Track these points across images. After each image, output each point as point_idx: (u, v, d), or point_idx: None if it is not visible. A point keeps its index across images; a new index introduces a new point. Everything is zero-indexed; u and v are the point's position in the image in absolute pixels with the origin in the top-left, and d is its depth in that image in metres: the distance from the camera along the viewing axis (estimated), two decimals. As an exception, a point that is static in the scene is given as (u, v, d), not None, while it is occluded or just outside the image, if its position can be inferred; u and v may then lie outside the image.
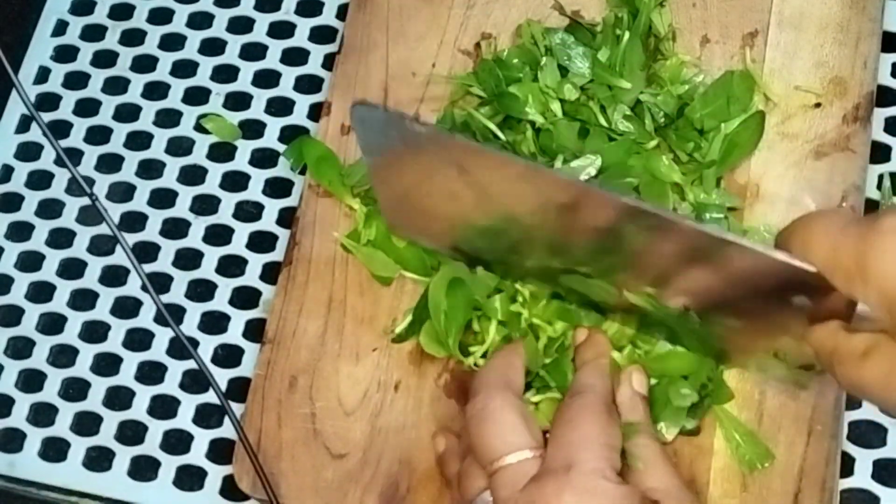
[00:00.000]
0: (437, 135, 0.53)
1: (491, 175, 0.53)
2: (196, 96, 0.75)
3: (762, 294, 0.49)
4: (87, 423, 0.67)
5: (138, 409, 0.67)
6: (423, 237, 0.63)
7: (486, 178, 0.53)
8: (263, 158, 0.72)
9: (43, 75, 0.76)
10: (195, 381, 0.67)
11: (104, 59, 0.77)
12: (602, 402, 0.54)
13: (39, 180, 0.74)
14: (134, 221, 0.71)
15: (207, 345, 0.68)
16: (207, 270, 0.70)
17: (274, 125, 0.73)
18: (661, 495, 0.51)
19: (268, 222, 0.71)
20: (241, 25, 0.76)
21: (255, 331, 0.67)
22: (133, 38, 0.77)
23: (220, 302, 0.69)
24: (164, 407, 0.67)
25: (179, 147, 0.73)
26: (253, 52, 0.75)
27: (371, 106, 0.52)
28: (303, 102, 0.73)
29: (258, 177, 0.72)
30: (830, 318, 0.46)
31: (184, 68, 0.75)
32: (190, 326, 0.68)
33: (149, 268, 0.69)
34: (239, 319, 0.68)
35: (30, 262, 0.72)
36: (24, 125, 0.75)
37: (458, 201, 0.56)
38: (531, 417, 0.54)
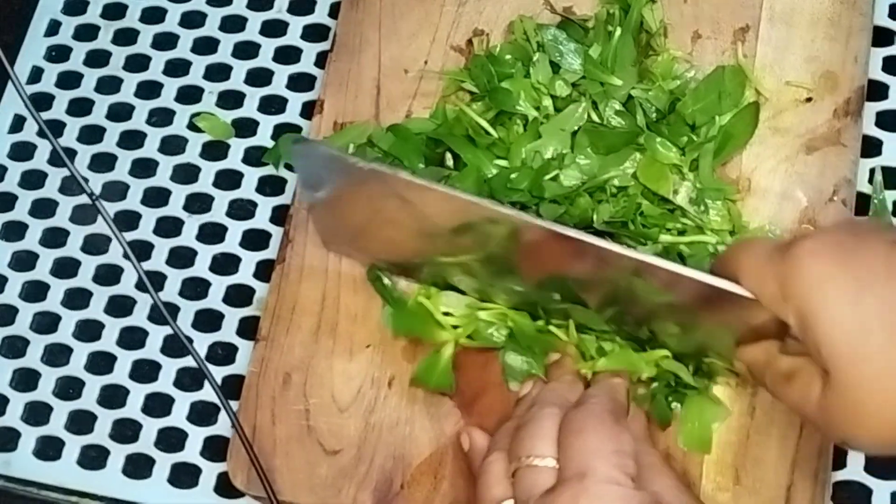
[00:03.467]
0: (380, 172, 0.54)
1: (435, 208, 0.54)
2: (189, 95, 0.75)
3: (702, 311, 0.52)
4: (81, 422, 0.67)
5: (133, 408, 0.67)
6: (361, 257, 0.64)
7: (430, 210, 0.55)
8: (257, 157, 0.72)
9: (36, 75, 0.77)
10: (189, 379, 0.67)
11: (97, 58, 0.77)
12: (607, 409, 0.53)
13: (33, 180, 0.74)
14: (128, 220, 0.71)
15: (202, 343, 0.68)
16: (201, 269, 0.70)
17: (267, 123, 0.73)
18: (665, 499, 0.51)
19: (261, 220, 0.71)
20: (233, 24, 0.76)
21: (248, 328, 0.67)
22: (126, 37, 0.77)
23: (213, 300, 0.69)
24: (158, 405, 0.67)
25: (173, 146, 0.74)
26: (246, 50, 0.75)
27: (312, 143, 0.54)
28: (295, 101, 0.73)
29: (251, 175, 0.72)
30: (762, 335, 0.50)
31: (177, 67, 0.76)
32: (184, 324, 0.68)
33: (143, 266, 0.69)
34: (233, 317, 0.68)
35: (24, 261, 0.72)
36: (17, 125, 0.75)
37: (400, 228, 0.58)
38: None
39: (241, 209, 0.71)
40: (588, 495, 0.48)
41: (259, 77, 0.74)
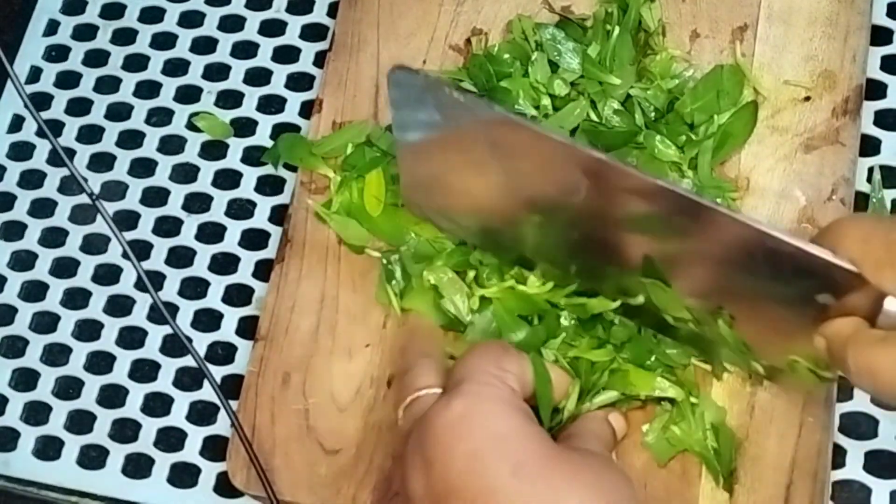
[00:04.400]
0: (475, 103, 0.51)
1: (525, 151, 0.52)
2: (188, 95, 0.75)
3: (791, 290, 0.49)
4: (80, 422, 0.67)
5: (132, 407, 0.67)
6: (439, 217, 0.62)
7: (520, 153, 0.52)
8: (256, 156, 0.72)
9: (35, 75, 0.77)
10: (189, 379, 0.67)
11: (96, 58, 0.77)
12: (497, 342, 0.56)
13: (32, 179, 0.74)
14: (127, 220, 0.71)
15: (201, 342, 0.68)
16: (200, 268, 0.70)
17: (266, 123, 0.73)
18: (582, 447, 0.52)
19: (260, 220, 0.71)
20: (232, 24, 0.76)
21: (248, 328, 0.68)
22: (125, 37, 0.77)
23: (213, 299, 0.69)
24: (157, 405, 0.67)
25: (172, 145, 0.74)
26: (244, 50, 0.75)
27: (410, 70, 0.52)
28: (294, 100, 0.73)
29: (250, 174, 0.72)
30: (851, 314, 0.48)
31: (175, 67, 0.76)
32: (183, 324, 0.68)
33: (142, 266, 0.69)
34: (232, 317, 0.68)
35: (23, 261, 0.72)
36: (16, 124, 0.75)
37: (486, 180, 0.55)
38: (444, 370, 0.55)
39: (241, 209, 0.71)
40: (461, 394, 0.49)
41: (258, 76, 0.75)
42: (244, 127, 0.73)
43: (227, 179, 0.72)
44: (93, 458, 0.67)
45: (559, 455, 0.49)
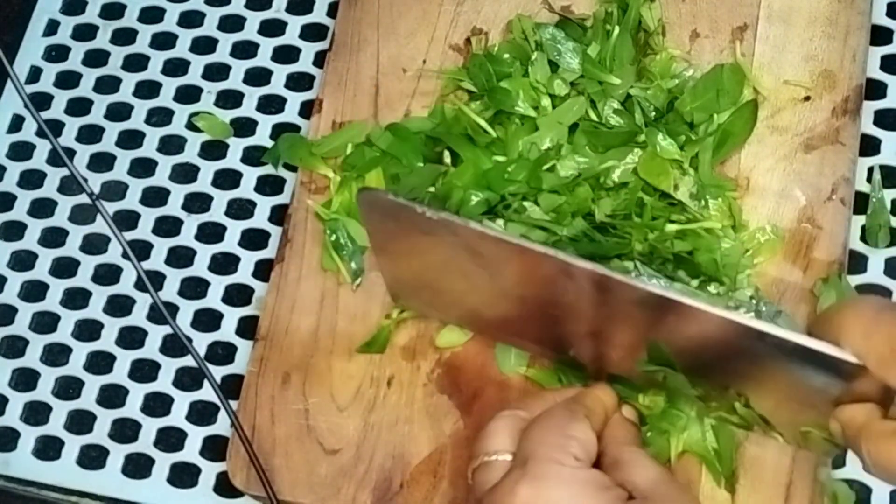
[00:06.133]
0: (449, 222, 0.51)
1: (506, 260, 0.52)
2: (188, 95, 0.75)
3: (796, 374, 0.49)
4: (80, 422, 0.67)
5: (132, 407, 0.67)
6: (430, 310, 0.63)
7: (501, 262, 0.53)
8: (256, 156, 0.72)
9: (35, 75, 0.77)
10: (189, 379, 0.67)
11: (96, 58, 0.77)
12: (562, 406, 0.53)
13: (32, 179, 0.74)
14: (127, 220, 0.71)
15: (201, 342, 0.68)
16: (200, 268, 0.70)
17: (265, 123, 0.73)
18: (647, 490, 0.51)
19: (260, 220, 0.71)
20: (232, 24, 0.76)
21: (248, 328, 0.68)
22: (124, 37, 0.77)
23: (213, 299, 0.69)
24: (157, 405, 0.67)
25: (172, 145, 0.74)
26: (244, 50, 0.76)
27: (379, 192, 0.52)
28: (294, 100, 0.73)
29: (250, 174, 0.72)
30: (861, 400, 0.47)
31: (175, 67, 0.76)
32: (183, 324, 0.68)
33: (142, 266, 0.69)
34: (232, 317, 0.68)
35: (23, 261, 0.72)
36: (16, 124, 0.76)
37: (470, 281, 0.56)
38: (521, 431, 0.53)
39: (240, 209, 0.71)
40: (528, 478, 0.49)
41: (258, 76, 0.75)
42: (244, 127, 0.73)
43: (227, 179, 0.72)
44: (93, 458, 0.67)
45: None
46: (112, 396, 0.68)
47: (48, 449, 0.67)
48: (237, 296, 0.69)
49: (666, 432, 0.59)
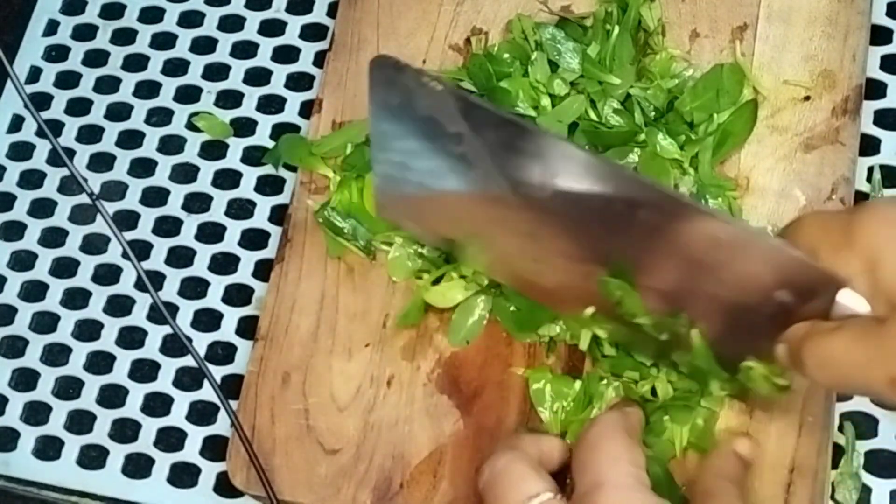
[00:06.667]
0: (453, 91, 0.51)
1: (502, 139, 0.52)
2: (188, 95, 0.75)
3: (751, 290, 0.49)
4: (80, 422, 0.67)
5: (132, 407, 0.67)
6: (412, 223, 0.62)
7: (492, 136, 0.52)
8: (256, 156, 0.72)
9: (35, 75, 0.77)
10: (189, 379, 0.67)
11: (96, 58, 0.77)
12: (619, 425, 0.53)
13: (32, 179, 0.74)
14: (127, 220, 0.71)
15: (201, 342, 0.68)
16: (200, 268, 0.70)
17: (265, 123, 0.73)
18: None
19: (260, 220, 0.71)
20: (232, 24, 0.76)
21: (247, 328, 0.68)
22: (124, 37, 0.77)
23: (212, 299, 0.69)
24: (157, 405, 0.67)
25: (171, 145, 0.74)
26: (244, 50, 0.76)
27: (390, 59, 0.52)
28: (294, 100, 0.73)
29: (250, 174, 0.72)
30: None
31: (175, 67, 0.76)
32: (183, 324, 0.68)
33: (142, 266, 0.69)
34: (232, 317, 0.68)
35: (23, 261, 0.72)
36: (16, 124, 0.76)
37: (459, 175, 0.55)
38: (540, 468, 0.52)
39: (240, 209, 0.71)
40: (608, 501, 0.48)
41: (257, 76, 0.75)
42: (244, 127, 0.73)
43: (227, 179, 0.72)
44: (93, 458, 0.67)
45: None
46: (112, 396, 0.68)
47: (48, 449, 0.67)
48: (237, 296, 0.69)
49: (669, 426, 0.59)
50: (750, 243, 0.48)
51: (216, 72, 0.75)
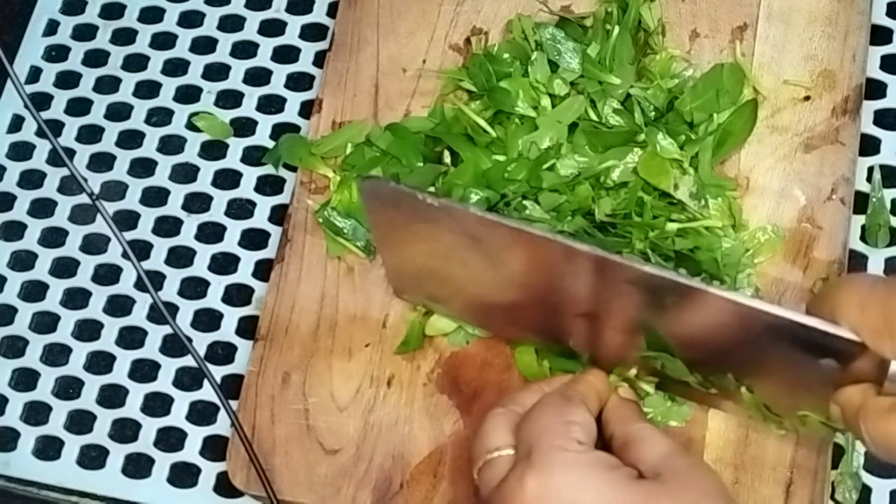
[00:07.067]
0: (450, 207, 0.52)
1: (506, 245, 0.52)
2: (188, 95, 0.75)
3: (795, 357, 0.49)
4: (80, 422, 0.68)
5: (132, 407, 0.67)
6: (432, 303, 0.63)
7: (502, 248, 0.53)
8: (256, 156, 0.72)
9: (35, 75, 0.77)
10: (189, 379, 0.67)
11: (96, 58, 0.77)
12: (557, 393, 0.54)
13: (32, 179, 0.74)
14: (127, 220, 0.71)
15: (201, 342, 0.68)
16: (200, 268, 0.70)
17: (265, 123, 0.73)
18: (657, 465, 0.50)
19: (260, 219, 0.71)
20: (232, 24, 0.76)
21: (247, 328, 0.68)
22: (124, 37, 0.77)
23: (212, 299, 0.69)
24: (157, 405, 0.67)
25: (171, 145, 0.74)
26: (244, 50, 0.76)
27: (381, 180, 0.53)
28: (294, 100, 0.73)
29: (250, 174, 0.72)
30: (858, 382, 0.47)
31: (175, 67, 0.76)
32: (183, 324, 0.68)
33: (142, 266, 0.69)
34: (232, 317, 0.69)
35: (23, 261, 0.72)
36: (16, 124, 0.76)
37: (471, 270, 0.56)
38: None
39: (240, 209, 0.71)
40: (533, 469, 0.48)
41: (257, 76, 0.75)
42: (244, 127, 0.73)
43: (227, 179, 0.72)
44: (93, 458, 0.67)
45: (646, 500, 0.48)
46: (112, 396, 0.68)
47: (48, 449, 0.67)
48: (237, 296, 0.69)
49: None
50: (789, 329, 0.47)
51: (216, 72, 0.75)
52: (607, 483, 0.48)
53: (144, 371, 0.68)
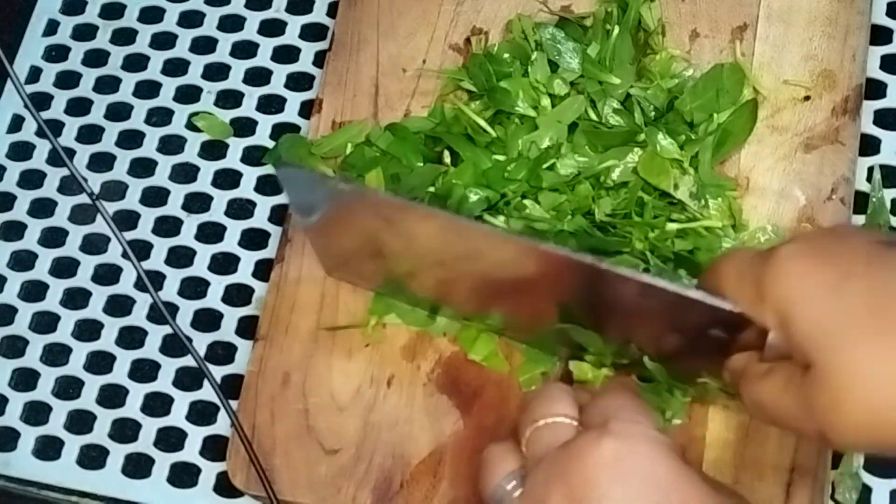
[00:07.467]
0: (362, 192, 0.55)
1: (418, 227, 0.54)
2: (188, 94, 0.75)
3: (691, 330, 0.51)
4: (80, 422, 0.67)
5: (132, 407, 0.67)
6: (360, 281, 0.64)
7: (414, 230, 0.55)
8: (256, 156, 0.72)
9: (35, 75, 0.77)
10: (189, 379, 0.67)
11: (96, 58, 0.77)
12: (628, 387, 0.55)
13: (32, 179, 0.74)
14: (127, 220, 0.71)
15: (201, 342, 0.68)
16: (200, 268, 0.70)
17: (265, 123, 0.73)
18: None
19: (260, 219, 0.71)
20: (232, 23, 0.76)
21: (247, 328, 0.68)
22: (124, 36, 0.77)
23: (212, 299, 0.69)
24: (157, 404, 0.67)
25: (171, 145, 0.74)
26: (244, 49, 0.76)
27: (294, 167, 0.55)
28: (294, 100, 0.73)
29: (250, 174, 0.72)
30: (747, 350, 0.49)
31: (175, 67, 0.76)
32: (183, 324, 0.68)
33: (142, 266, 0.69)
34: (232, 317, 0.68)
35: (23, 261, 0.72)
36: (16, 124, 0.76)
37: (388, 249, 0.58)
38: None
39: (240, 208, 0.71)
40: (612, 435, 0.47)
41: (257, 76, 0.75)
42: (244, 127, 0.73)
43: (227, 179, 0.72)
44: (93, 458, 0.67)
45: (714, 498, 0.48)
46: (112, 396, 0.68)
47: (48, 449, 0.67)
48: (237, 296, 0.69)
49: None
50: (678, 300, 0.49)
51: (216, 72, 0.75)
52: (682, 468, 0.48)
53: (144, 371, 0.68)
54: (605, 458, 0.47)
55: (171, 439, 0.66)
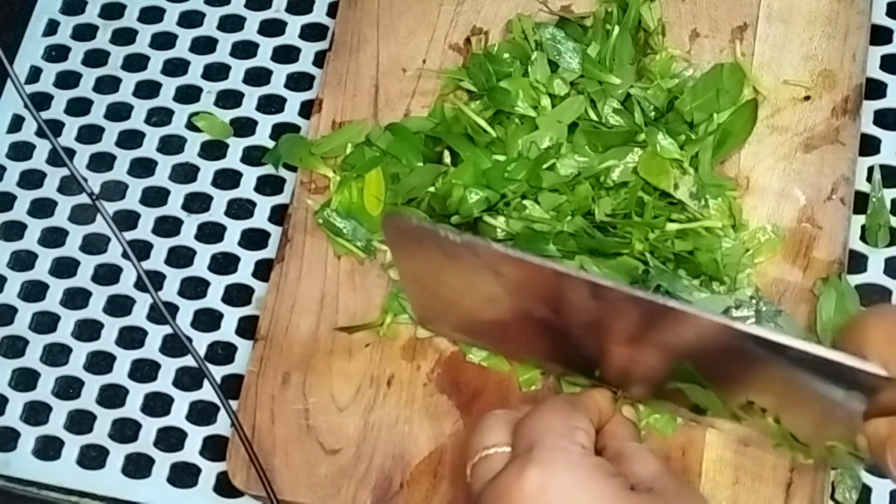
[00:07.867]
0: (472, 244, 0.51)
1: (528, 281, 0.52)
2: (188, 94, 0.75)
3: (822, 389, 0.48)
4: (80, 422, 0.68)
5: (132, 407, 0.67)
6: (458, 334, 0.63)
7: (524, 283, 0.52)
8: (256, 156, 0.72)
9: (35, 75, 0.77)
10: (189, 379, 0.67)
11: (96, 58, 0.77)
12: (562, 399, 0.54)
13: (32, 179, 0.74)
14: (127, 220, 0.71)
15: (201, 342, 0.68)
16: (200, 268, 0.70)
17: (265, 123, 0.73)
18: (650, 481, 0.51)
19: (260, 219, 0.71)
20: (232, 23, 0.76)
21: (248, 328, 0.68)
22: (124, 37, 0.77)
23: (212, 299, 0.69)
24: (157, 404, 0.67)
25: (171, 145, 0.74)
26: (244, 49, 0.76)
27: (402, 217, 0.53)
28: (294, 100, 0.73)
29: (250, 174, 0.72)
30: (887, 413, 0.47)
31: (175, 67, 0.76)
32: (183, 324, 0.68)
33: (142, 266, 0.69)
34: (232, 317, 0.69)
35: (23, 261, 0.72)
36: (16, 124, 0.76)
37: (494, 303, 0.56)
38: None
39: (240, 208, 0.71)
40: (534, 464, 0.48)
41: (257, 76, 0.75)
42: (244, 127, 0.73)
43: (227, 179, 0.72)
44: (93, 458, 0.67)
45: None
46: (112, 396, 0.68)
47: (48, 449, 0.67)
48: (237, 296, 0.69)
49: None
50: (816, 363, 0.46)
51: (216, 72, 0.75)
52: (607, 488, 0.48)
53: (144, 371, 0.68)
54: (527, 492, 0.48)
55: (171, 439, 0.66)
